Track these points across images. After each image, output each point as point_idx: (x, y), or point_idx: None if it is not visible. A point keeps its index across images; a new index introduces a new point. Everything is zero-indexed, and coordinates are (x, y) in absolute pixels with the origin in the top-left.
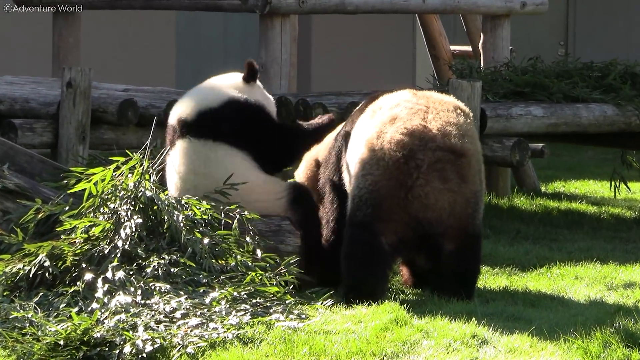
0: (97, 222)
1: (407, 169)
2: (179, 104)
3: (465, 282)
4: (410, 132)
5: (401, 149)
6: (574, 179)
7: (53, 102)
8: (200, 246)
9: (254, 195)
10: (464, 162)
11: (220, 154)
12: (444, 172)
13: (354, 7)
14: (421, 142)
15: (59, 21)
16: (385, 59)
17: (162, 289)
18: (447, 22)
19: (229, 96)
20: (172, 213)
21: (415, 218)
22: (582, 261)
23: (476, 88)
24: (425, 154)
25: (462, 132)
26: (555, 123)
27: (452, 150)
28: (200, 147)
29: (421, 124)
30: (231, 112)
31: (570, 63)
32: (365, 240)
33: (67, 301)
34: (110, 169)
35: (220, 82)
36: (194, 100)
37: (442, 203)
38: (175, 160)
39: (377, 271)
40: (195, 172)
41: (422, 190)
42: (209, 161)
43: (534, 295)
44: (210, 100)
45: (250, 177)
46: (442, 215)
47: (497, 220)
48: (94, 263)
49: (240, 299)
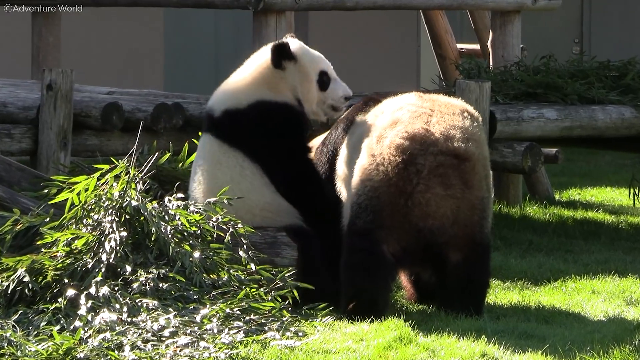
0: (80, 235)
1: (407, 174)
2: (217, 92)
3: (474, 296)
4: (411, 136)
5: (401, 153)
6: (590, 186)
7: (32, 106)
8: (190, 259)
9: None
10: (468, 167)
11: (232, 161)
12: (446, 178)
13: (354, 3)
14: (422, 146)
15: (38, 20)
16: (387, 58)
17: (150, 306)
18: (453, 19)
19: (256, 98)
20: (159, 224)
21: (416, 226)
22: (599, 274)
23: (485, 89)
24: (426, 159)
25: (467, 135)
26: (570, 126)
27: (455, 154)
28: (216, 147)
29: (423, 127)
30: (256, 118)
31: (585, 62)
32: (366, 248)
33: (48, 319)
34: (93, 178)
35: (252, 72)
36: (224, 95)
37: (444, 210)
38: (198, 152)
39: (379, 280)
40: (208, 173)
41: (422, 196)
42: (220, 165)
43: (548, 310)
44: (239, 100)
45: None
46: (445, 223)
47: (508, 231)
48: (77, 278)
49: (233, 316)
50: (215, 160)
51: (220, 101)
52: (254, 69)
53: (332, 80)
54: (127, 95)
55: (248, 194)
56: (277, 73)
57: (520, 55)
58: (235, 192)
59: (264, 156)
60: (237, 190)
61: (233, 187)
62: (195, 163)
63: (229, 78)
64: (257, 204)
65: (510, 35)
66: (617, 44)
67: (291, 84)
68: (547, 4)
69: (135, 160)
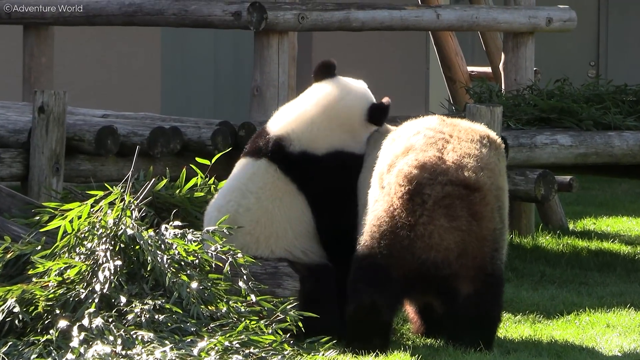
0: (73, 264)
1: (412, 205)
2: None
3: (484, 329)
4: (421, 165)
5: (408, 183)
6: (605, 216)
7: (23, 130)
8: (187, 290)
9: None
10: (478, 198)
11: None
12: (452, 209)
13: (360, 24)
14: (432, 175)
15: (30, 39)
16: (395, 81)
17: (145, 338)
18: (464, 40)
19: (336, 148)
20: (156, 254)
21: (419, 259)
22: (614, 307)
23: (496, 114)
24: (433, 189)
25: (482, 164)
26: (585, 153)
27: (464, 184)
28: (282, 184)
29: (436, 155)
30: (335, 168)
31: (601, 86)
32: (373, 267)
33: (39, 351)
34: (87, 205)
35: (338, 113)
36: (300, 132)
37: (447, 243)
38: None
39: (385, 294)
40: (260, 203)
41: (425, 228)
42: (281, 202)
43: (561, 345)
44: (318, 145)
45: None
46: (449, 257)
47: (520, 262)
48: (69, 309)
49: (232, 349)
50: (275, 196)
51: (299, 138)
52: (341, 112)
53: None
54: (123, 119)
55: (300, 237)
56: (366, 125)
57: (534, 79)
58: (288, 232)
59: (325, 203)
60: (290, 231)
61: (287, 228)
62: (237, 182)
63: (307, 106)
64: (302, 249)
65: (523, 57)
66: (634, 67)
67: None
68: (562, 25)
69: (131, 187)
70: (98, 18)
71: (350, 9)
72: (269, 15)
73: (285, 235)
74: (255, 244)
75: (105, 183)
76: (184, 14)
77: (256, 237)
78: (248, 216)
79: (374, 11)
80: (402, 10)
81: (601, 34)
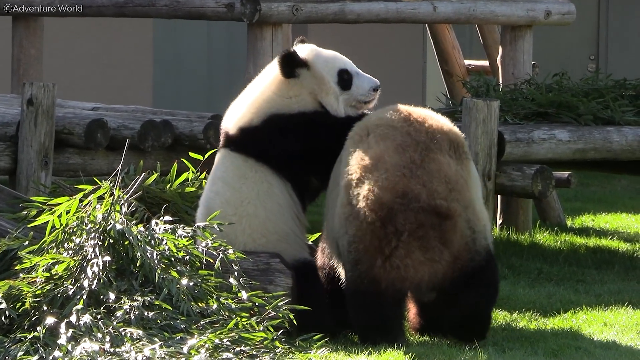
0: (61, 259)
1: (385, 234)
2: (230, 109)
3: (476, 318)
4: (392, 187)
5: (379, 208)
6: (604, 212)
7: (11, 122)
8: (177, 287)
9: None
10: (448, 226)
11: (259, 176)
12: (426, 241)
13: (355, 16)
14: (403, 200)
15: (19, 30)
16: (391, 75)
17: (134, 335)
18: (461, 34)
19: (268, 113)
20: (145, 249)
21: (393, 287)
22: (612, 305)
23: (493, 108)
24: (406, 217)
25: (451, 185)
26: (583, 148)
27: (436, 212)
28: (241, 161)
29: (406, 173)
30: (271, 133)
31: (600, 80)
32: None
33: (25, 348)
34: (76, 199)
35: (263, 88)
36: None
37: (421, 275)
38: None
39: (379, 315)
40: (230, 185)
41: (401, 261)
42: (245, 179)
43: (557, 344)
44: (252, 115)
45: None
46: (421, 285)
47: (517, 259)
48: (57, 305)
49: (223, 347)
50: (240, 174)
51: (233, 118)
52: (266, 82)
53: (354, 75)
54: (113, 112)
55: (272, 215)
56: (290, 83)
57: (532, 73)
58: (259, 209)
59: (289, 170)
60: (262, 208)
61: (257, 204)
62: (212, 175)
63: (243, 93)
64: (276, 229)
65: (521, 51)
66: (634, 61)
67: (309, 90)
68: (561, 19)
69: (121, 181)
70: (89, 9)
71: (346, 0)
72: (262, 7)
73: (256, 213)
74: (232, 228)
75: (94, 177)
76: (176, 5)
77: (229, 218)
78: (218, 199)
79: (370, 3)
80: (398, 3)
81: (601, 28)
